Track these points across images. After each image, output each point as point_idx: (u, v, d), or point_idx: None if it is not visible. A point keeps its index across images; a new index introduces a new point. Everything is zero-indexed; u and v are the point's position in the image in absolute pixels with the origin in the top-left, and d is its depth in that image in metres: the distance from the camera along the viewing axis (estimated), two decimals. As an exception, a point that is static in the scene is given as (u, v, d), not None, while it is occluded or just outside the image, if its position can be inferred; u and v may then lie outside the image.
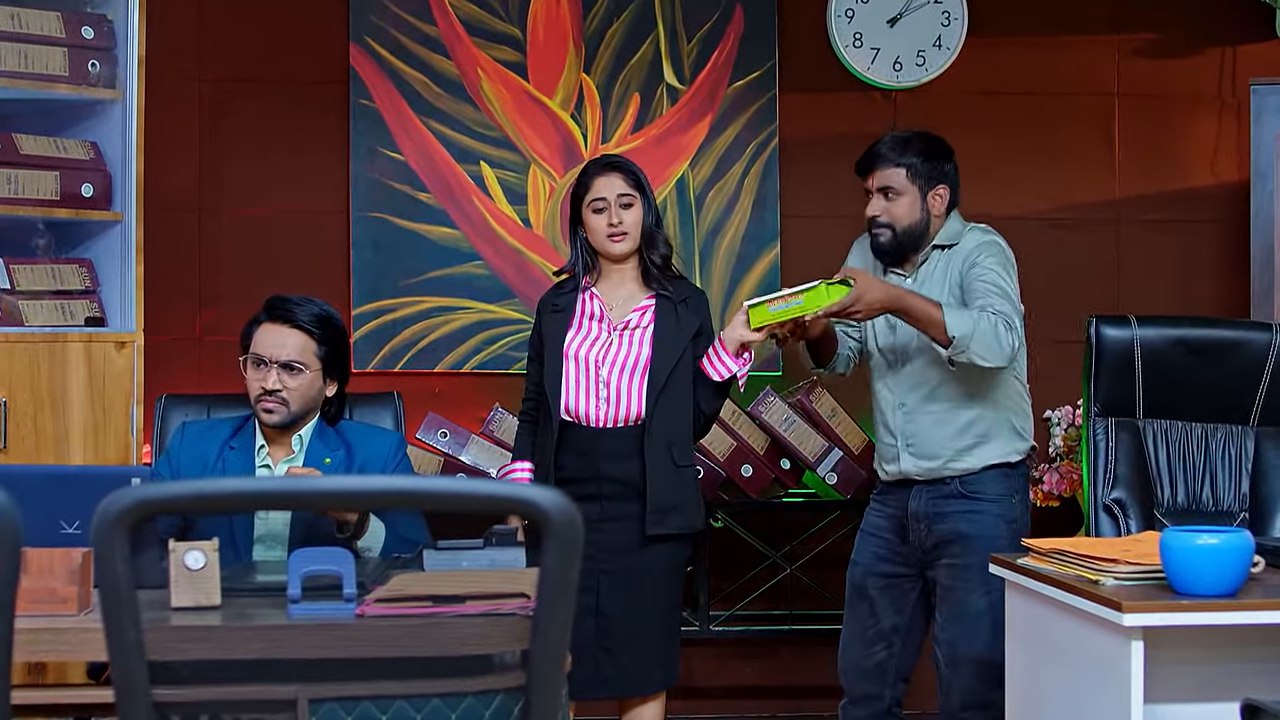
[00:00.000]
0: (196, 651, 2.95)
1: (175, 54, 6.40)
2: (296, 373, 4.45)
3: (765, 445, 6.33)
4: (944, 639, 4.89)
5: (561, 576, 2.13)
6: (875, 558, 5.02)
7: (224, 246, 6.58)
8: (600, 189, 4.91)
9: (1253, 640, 3.69)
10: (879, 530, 5.03)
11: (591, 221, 4.91)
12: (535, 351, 4.99)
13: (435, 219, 6.64)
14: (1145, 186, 6.92)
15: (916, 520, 4.93)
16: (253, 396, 4.45)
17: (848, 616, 5.08)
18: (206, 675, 2.94)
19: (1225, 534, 3.60)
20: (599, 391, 4.85)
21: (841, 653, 5.08)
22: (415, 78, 6.63)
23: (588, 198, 4.91)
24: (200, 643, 2.98)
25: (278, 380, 4.42)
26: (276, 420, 4.45)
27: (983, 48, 6.81)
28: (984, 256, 4.84)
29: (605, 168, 4.96)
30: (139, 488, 2.08)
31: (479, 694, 2.88)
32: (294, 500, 2.22)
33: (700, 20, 6.77)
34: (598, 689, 4.82)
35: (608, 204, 4.89)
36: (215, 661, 2.95)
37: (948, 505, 4.89)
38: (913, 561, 4.97)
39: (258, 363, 4.44)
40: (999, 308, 4.69)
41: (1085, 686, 3.78)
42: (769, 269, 6.75)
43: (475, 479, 5.34)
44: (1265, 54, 6.93)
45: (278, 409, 4.44)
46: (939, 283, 4.89)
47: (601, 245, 4.92)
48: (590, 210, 4.91)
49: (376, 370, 6.56)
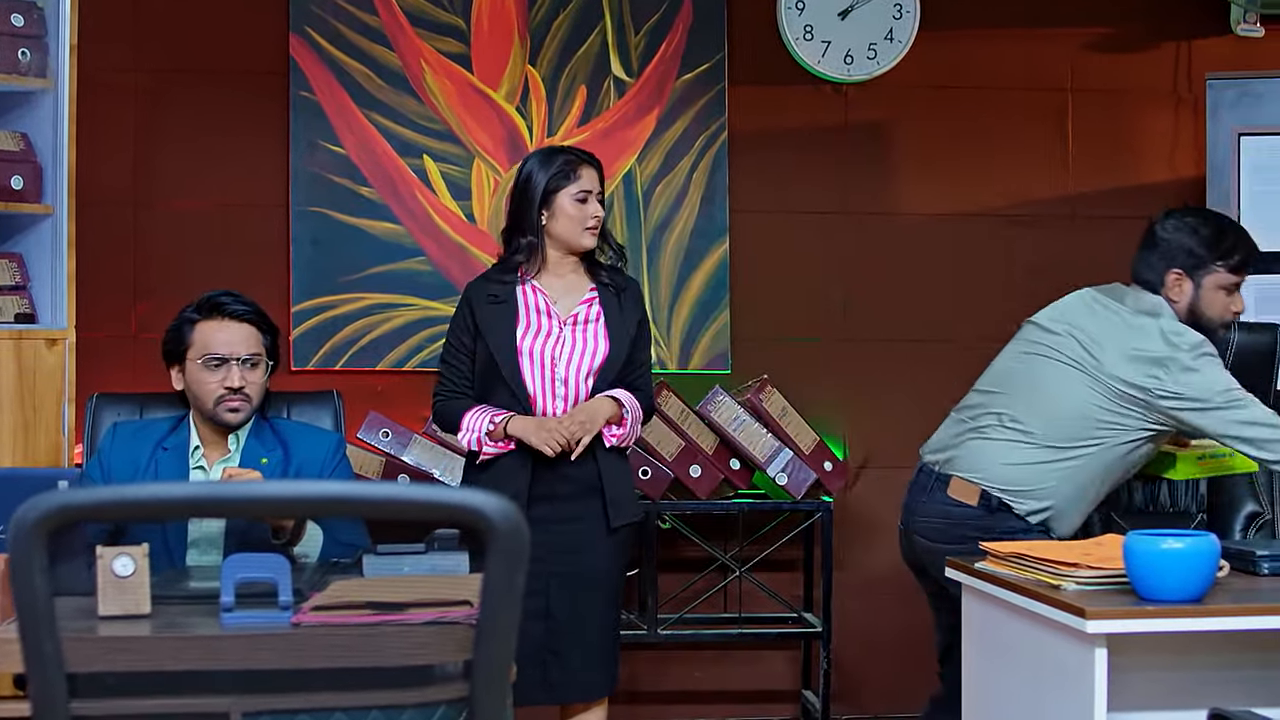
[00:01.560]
0: (123, 663, 2.88)
1: (109, 42, 6.28)
2: (255, 367, 4.39)
3: (714, 445, 6.25)
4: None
5: (507, 585, 2.07)
6: None
7: (160, 241, 6.47)
8: (587, 180, 4.82)
9: (1219, 647, 3.64)
10: None
11: (570, 209, 4.81)
12: (462, 342, 4.85)
13: (377, 214, 6.54)
14: (1100, 182, 6.89)
15: None
16: (212, 399, 4.35)
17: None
18: (135, 687, 2.86)
19: (1191, 538, 3.53)
20: (556, 389, 4.77)
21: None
22: (357, 69, 6.53)
23: (572, 187, 4.80)
24: (127, 654, 2.90)
25: (242, 377, 4.35)
26: (241, 419, 4.38)
27: (935, 41, 6.76)
28: None
29: (588, 161, 4.87)
30: (57, 494, 2.01)
31: (420, 706, 2.84)
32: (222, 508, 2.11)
33: (648, 12, 6.69)
34: (544, 695, 4.75)
35: (590, 196, 4.82)
36: (144, 673, 2.87)
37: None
38: None
39: (215, 363, 4.35)
40: None
41: (1046, 693, 3.72)
42: (718, 264, 6.67)
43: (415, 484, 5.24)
44: (1221, 48, 6.92)
45: (243, 406, 4.37)
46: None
47: (573, 236, 4.82)
48: (573, 199, 4.80)
49: (316, 369, 6.46)
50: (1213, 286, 4.68)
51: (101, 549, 3.22)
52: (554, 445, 4.64)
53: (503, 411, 4.74)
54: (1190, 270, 4.69)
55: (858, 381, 6.69)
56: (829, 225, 6.74)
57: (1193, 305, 4.69)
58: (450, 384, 4.86)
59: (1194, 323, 4.67)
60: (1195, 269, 4.68)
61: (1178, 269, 4.70)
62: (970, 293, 6.74)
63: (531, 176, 4.85)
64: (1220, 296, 4.68)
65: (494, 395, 4.79)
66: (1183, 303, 4.70)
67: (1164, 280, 4.71)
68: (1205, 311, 4.69)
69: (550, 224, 4.82)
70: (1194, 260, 4.68)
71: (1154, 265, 4.74)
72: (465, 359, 4.84)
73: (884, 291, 6.74)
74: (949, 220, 6.81)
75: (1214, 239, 4.69)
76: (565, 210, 4.81)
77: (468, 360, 4.84)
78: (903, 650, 6.25)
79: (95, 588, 3.21)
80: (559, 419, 4.69)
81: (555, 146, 5.07)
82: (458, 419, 4.79)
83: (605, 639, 4.82)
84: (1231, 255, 4.68)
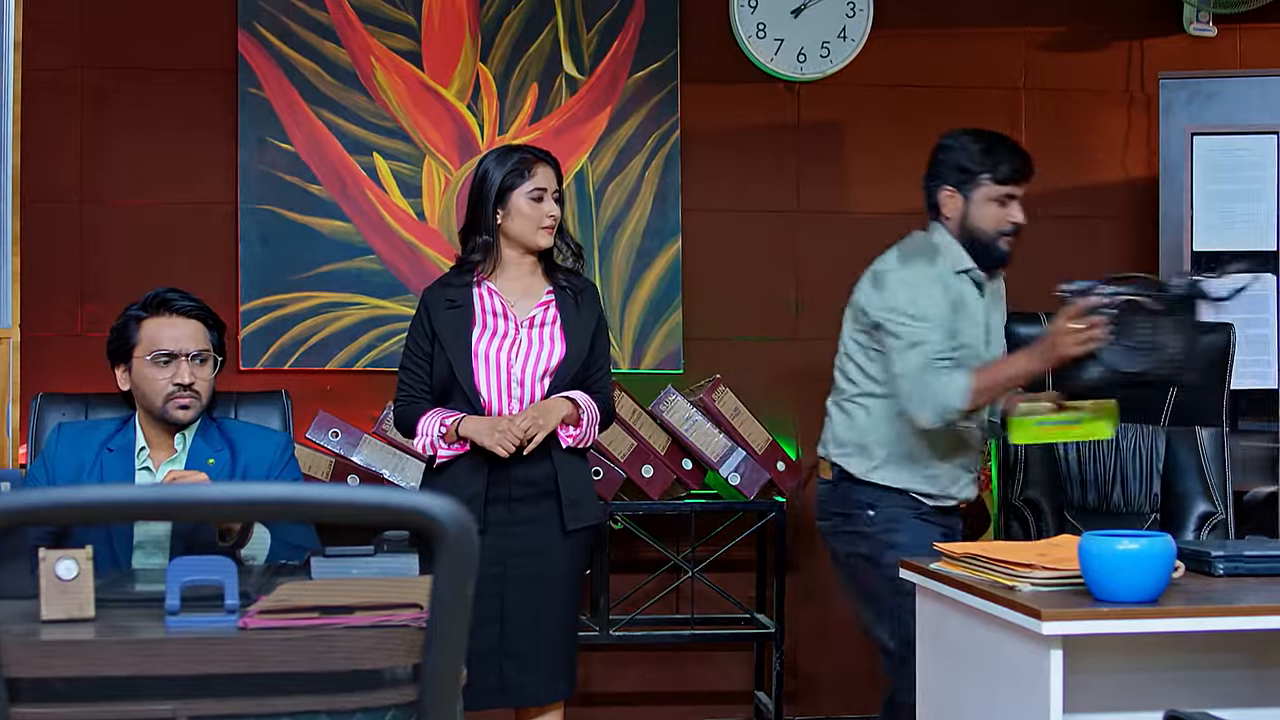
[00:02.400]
0: (66, 668, 2.84)
1: (55, 39, 6.26)
2: (204, 363, 4.36)
3: (666, 445, 6.24)
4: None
5: (457, 589, 2.05)
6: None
7: (107, 239, 6.43)
8: (542, 179, 4.78)
9: (1175, 648, 3.63)
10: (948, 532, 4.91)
11: (526, 209, 4.77)
12: (420, 349, 4.82)
13: (326, 212, 6.50)
14: (1053, 181, 6.88)
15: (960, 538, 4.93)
16: (160, 396, 4.31)
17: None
18: (79, 692, 2.82)
19: (1146, 539, 3.50)
20: (512, 390, 4.74)
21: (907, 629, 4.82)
22: (306, 66, 6.48)
23: (527, 185, 4.76)
24: (70, 658, 2.87)
25: (191, 374, 4.31)
26: (192, 416, 4.34)
27: (888, 40, 6.75)
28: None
29: (543, 159, 4.83)
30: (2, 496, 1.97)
31: (369, 710, 2.82)
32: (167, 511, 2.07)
33: (600, 9, 6.67)
34: (498, 699, 4.72)
35: (545, 195, 4.78)
36: (88, 678, 2.83)
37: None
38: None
39: (164, 359, 4.31)
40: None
41: (1002, 695, 3.70)
42: (670, 263, 6.65)
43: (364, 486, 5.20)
44: (1173, 48, 6.96)
45: (193, 403, 4.33)
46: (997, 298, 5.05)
47: (528, 235, 4.78)
48: (527, 197, 4.76)
49: (265, 368, 6.42)
50: (983, 199, 4.83)
51: (44, 551, 3.18)
52: (506, 446, 4.59)
53: (455, 414, 4.70)
54: (960, 185, 4.85)
55: (811, 381, 6.64)
56: (782, 224, 6.72)
57: (964, 220, 4.86)
58: (409, 389, 4.82)
59: (969, 238, 4.85)
60: (964, 184, 4.85)
61: (949, 186, 4.87)
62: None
63: (487, 175, 4.81)
64: (992, 209, 4.83)
65: (451, 399, 4.75)
66: (955, 219, 4.87)
67: (938, 199, 4.89)
68: (977, 224, 4.85)
69: (505, 223, 4.78)
70: (963, 175, 4.85)
71: (930, 188, 4.92)
72: (424, 364, 4.80)
73: (837, 290, 6.65)
74: (902, 219, 6.69)
75: (981, 153, 4.84)
76: (520, 209, 4.77)
77: (426, 365, 4.80)
78: (855, 651, 6.23)
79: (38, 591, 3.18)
80: (511, 417, 4.65)
81: (512, 145, 5.03)
82: (414, 424, 4.76)
83: (562, 642, 4.79)
84: (998, 167, 4.82)
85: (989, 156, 4.81)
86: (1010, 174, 4.82)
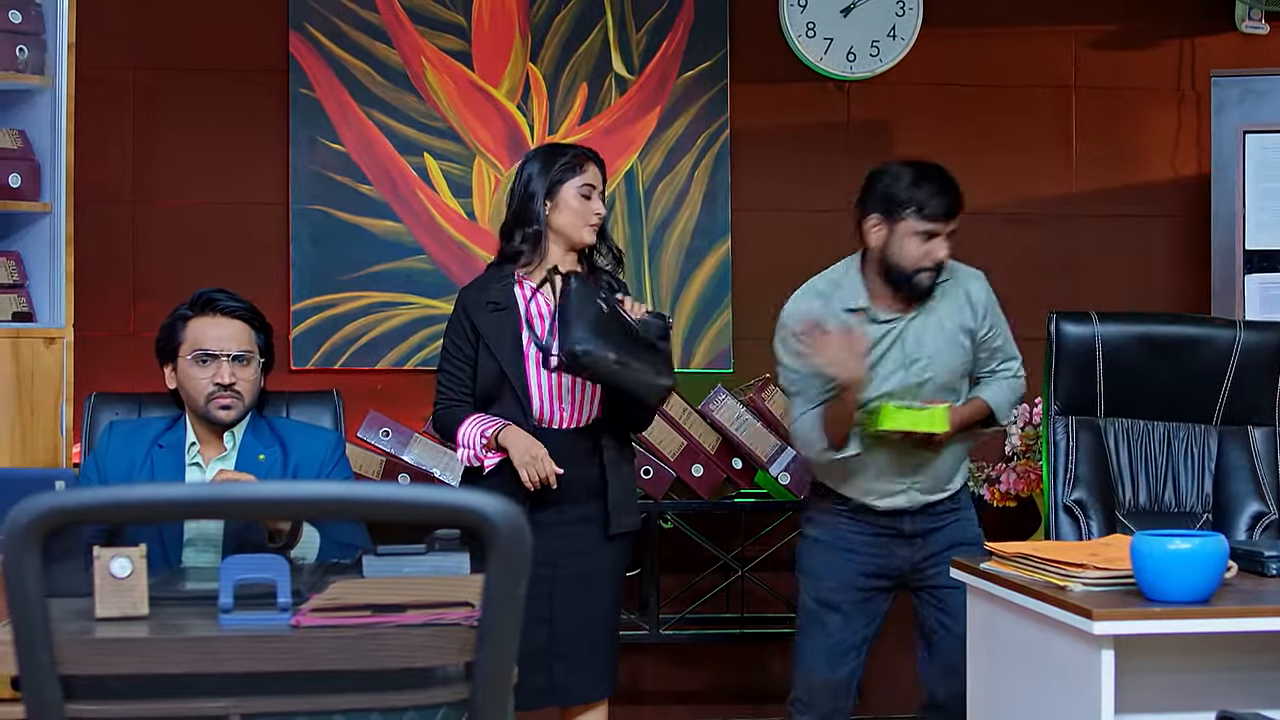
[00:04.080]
0: (120, 665, 2.87)
1: (107, 40, 6.28)
2: (247, 364, 4.39)
3: (716, 444, 6.24)
4: (950, 638, 4.89)
5: (509, 587, 2.06)
6: (855, 571, 4.99)
7: (158, 240, 6.48)
8: (591, 176, 4.81)
9: (1227, 649, 3.64)
10: (855, 545, 5.00)
11: (575, 204, 4.79)
12: (461, 351, 4.81)
13: (377, 212, 6.54)
14: (1103, 180, 6.92)
15: (913, 536, 4.99)
16: (202, 395, 4.35)
17: (812, 631, 5.04)
18: (132, 690, 2.85)
19: (1199, 538, 3.52)
20: (561, 395, 4.77)
21: (805, 669, 5.05)
22: (357, 66, 6.53)
23: (577, 180, 4.79)
24: (124, 656, 2.90)
25: (232, 374, 4.35)
26: (234, 416, 4.37)
27: (938, 38, 6.75)
28: (996, 310, 5.06)
29: (592, 158, 4.86)
30: (51, 495, 2.00)
31: (421, 708, 2.85)
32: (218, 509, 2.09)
33: (649, 9, 6.70)
34: (547, 698, 4.77)
35: (594, 191, 4.81)
36: (141, 675, 2.86)
37: (942, 519, 5.01)
38: (894, 573, 5.02)
39: (205, 359, 4.35)
40: (1019, 357, 5.10)
41: (1052, 695, 3.71)
42: (720, 263, 6.68)
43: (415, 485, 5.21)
44: (1225, 45, 6.94)
45: (234, 403, 4.36)
46: (941, 323, 4.96)
47: (575, 230, 4.80)
48: (577, 193, 4.78)
49: (316, 368, 6.47)
50: (906, 233, 4.82)
51: (99, 550, 3.21)
52: (533, 480, 4.61)
53: (495, 421, 4.70)
54: (886, 216, 4.85)
55: (860, 380, 6.68)
56: (831, 223, 6.69)
57: (885, 250, 4.86)
58: (449, 392, 4.83)
59: (886, 269, 4.86)
60: (890, 215, 4.84)
61: (876, 214, 4.87)
62: (973, 291, 6.75)
63: (536, 169, 4.84)
64: (913, 243, 4.82)
65: (498, 403, 4.77)
66: (876, 248, 4.88)
67: (862, 226, 4.91)
68: (896, 258, 4.84)
69: (553, 215, 4.80)
70: (889, 206, 4.84)
71: (856, 214, 4.95)
72: (465, 366, 4.80)
73: (887, 290, 6.74)
74: (951, 218, 6.80)
75: (910, 186, 4.84)
76: (569, 203, 4.79)
77: (467, 368, 4.80)
78: (903, 649, 6.23)
79: (92, 589, 3.20)
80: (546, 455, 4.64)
81: (559, 143, 5.07)
82: (454, 430, 4.77)
83: (608, 642, 4.85)
84: (925, 202, 4.81)
85: (917, 190, 4.80)
86: (934, 211, 4.81)
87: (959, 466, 5.04)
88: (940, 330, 4.92)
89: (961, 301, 4.95)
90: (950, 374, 4.93)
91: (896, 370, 4.88)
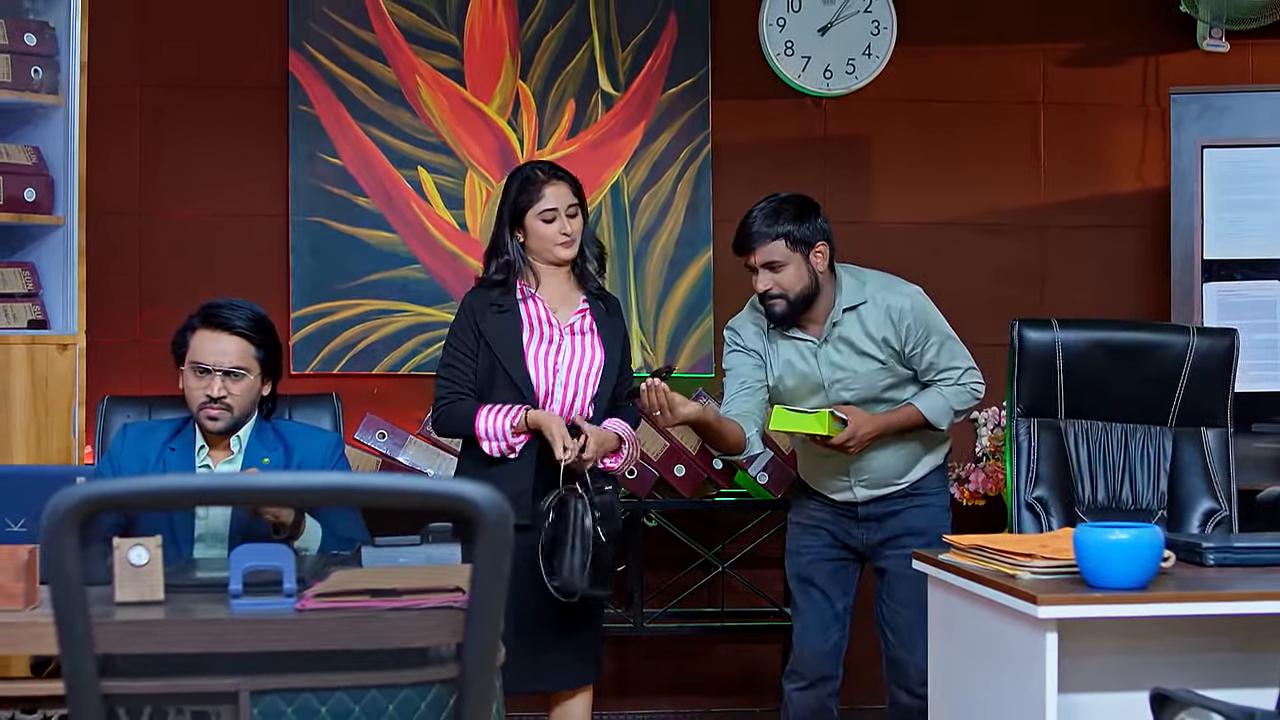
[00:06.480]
0: (141, 645, 2.97)
1: (116, 60, 6.39)
2: (239, 379, 4.48)
3: (697, 446, 6.36)
4: (899, 623, 5.09)
5: (494, 571, 2.17)
6: (823, 545, 5.19)
7: (164, 250, 6.59)
8: (550, 199, 4.89)
9: (1162, 632, 3.79)
10: (821, 522, 5.20)
11: (540, 229, 4.89)
12: (466, 345, 4.90)
13: (373, 223, 6.68)
14: (1070, 192, 7.03)
15: (866, 520, 5.17)
16: (195, 404, 4.47)
17: (802, 605, 5.21)
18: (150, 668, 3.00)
19: (1136, 529, 3.70)
20: (559, 393, 4.89)
21: (798, 640, 5.23)
22: (354, 84, 6.67)
23: (538, 207, 4.89)
24: (145, 636, 2.99)
25: (222, 388, 4.44)
26: (220, 427, 4.48)
27: (911, 56, 6.89)
28: (926, 325, 5.08)
29: (553, 177, 4.94)
30: (86, 485, 2.10)
31: (415, 685, 2.93)
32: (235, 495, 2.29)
33: (635, 28, 6.83)
34: (535, 683, 4.89)
35: (558, 214, 4.90)
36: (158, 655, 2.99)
37: (896, 505, 5.17)
38: (856, 549, 5.20)
39: (200, 371, 4.46)
40: (961, 366, 5.14)
41: (1003, 678, 3.86)
42: (702, 272, 6.84)
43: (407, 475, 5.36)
44: (1188, 63, 7.03)
45: (221, 415, 4.46)
46: (856, 345, 5.06)
47: (549, 252, 4.92)
48: (539, 219, 4.89)
49: (316, 372, 6.59)
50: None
51: (118, 540, 3.39)
52: (570, 456, 4.71)
53: (513, 407, 4.79)
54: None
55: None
56: (809, 234, 6.85)
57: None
58: (454, 385, 4.89)
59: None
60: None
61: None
62: (944, 300, 6.70)
63: (503, 199, 4.98)
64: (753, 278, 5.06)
65: (492, 399, 4.87)
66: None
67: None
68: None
69: (528, 241, 4.93)
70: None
71: None
72: (470, 360, 4.89)
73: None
74: (924, 229, 6.91)
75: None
76: (534, 230, 4.91)
77: (471, 362, 4.89)
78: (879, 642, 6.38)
79: (112, 577, 3.40)
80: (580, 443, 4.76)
81: (527, 164, 5.17)
82: (470, 422, 4.83)
83: (594, 630, 4.99)
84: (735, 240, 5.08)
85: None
86: (734, 250, 5.10)
87: (912, 462, 5.15)
88: (854, 351, 5.04)
89: (881, 319, 5.03)
90: (870, 390, 5.05)
91: (815, 393, 5.07)
